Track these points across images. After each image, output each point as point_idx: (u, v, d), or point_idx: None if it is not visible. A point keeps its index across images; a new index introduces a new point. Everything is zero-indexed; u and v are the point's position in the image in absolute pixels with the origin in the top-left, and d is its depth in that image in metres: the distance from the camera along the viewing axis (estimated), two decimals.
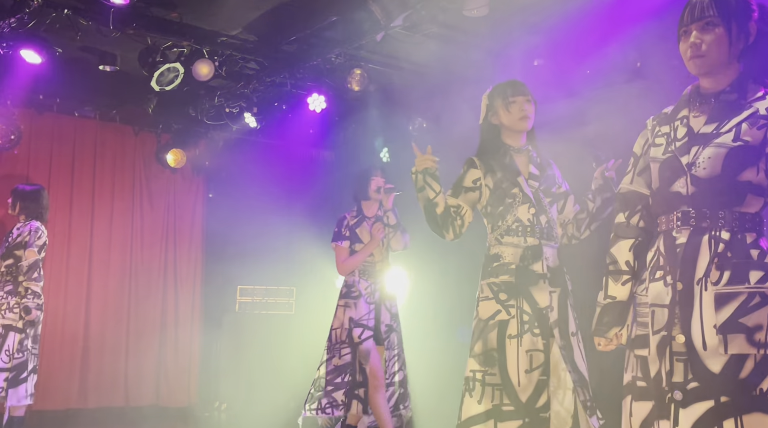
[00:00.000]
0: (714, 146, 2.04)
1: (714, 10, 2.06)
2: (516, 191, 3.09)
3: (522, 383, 2.89)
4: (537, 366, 2.91)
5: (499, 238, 3.08)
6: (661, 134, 2.19)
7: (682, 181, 2.07)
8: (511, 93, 3.16)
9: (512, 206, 3.07)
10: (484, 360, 2.96)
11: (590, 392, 2.98)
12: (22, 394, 5.11)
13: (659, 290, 2.08)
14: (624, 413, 2.14)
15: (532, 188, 3.12)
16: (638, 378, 2.10)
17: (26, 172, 6.70)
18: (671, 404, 1.97)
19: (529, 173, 3.16)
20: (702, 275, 1.99)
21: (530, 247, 3.03)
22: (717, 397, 1.91)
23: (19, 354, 5.11)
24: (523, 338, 2.93)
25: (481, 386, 2.94)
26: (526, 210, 3.07)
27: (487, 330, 2.99)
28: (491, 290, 3.04)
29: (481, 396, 2.92)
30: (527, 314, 2.95)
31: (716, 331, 1.94)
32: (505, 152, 3.17)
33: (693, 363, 1.95)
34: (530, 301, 2.97)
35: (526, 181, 3.12)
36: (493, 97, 3.23)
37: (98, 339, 6.92)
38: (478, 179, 3.13)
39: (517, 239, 3.04)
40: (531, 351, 2.91)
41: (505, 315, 2.97)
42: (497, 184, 3.10)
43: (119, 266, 7.16)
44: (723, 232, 2.00)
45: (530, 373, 2.90)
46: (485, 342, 2.98)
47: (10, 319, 5.11)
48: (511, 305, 2.98)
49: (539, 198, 3.11)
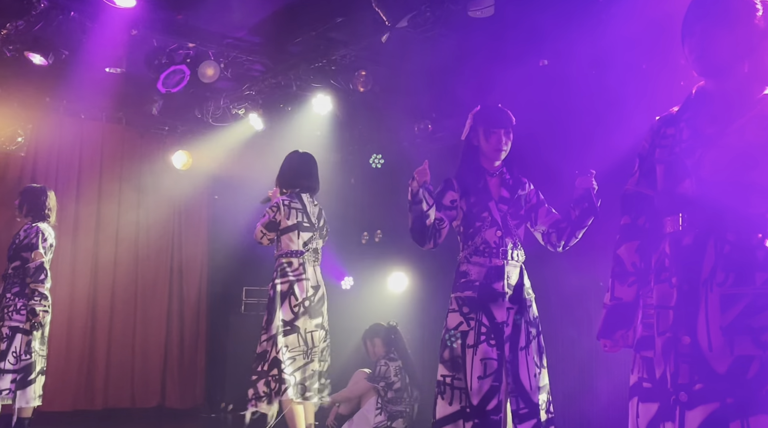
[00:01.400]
0: (719, 147, 2.03)
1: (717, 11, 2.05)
2: (486, 215, 3.39)
3: (474, 387, 3.22)
4: (490, 373, 3.23)
5: (468, 257, 3.40)
6: (667, 135, 2.19)
7: (687, 183, 2.06)
8: (493, 124, 3.42)
9: (481, 229, 3.38)
10: (452, 365, 3.30)
11: (533, 401, 3.25)
12: (30, 396, 5.13)
13: (665, 291, 2.07)
14: (630, 414, 2.13)
15: (500, 212, 3.40)
16: (644, 379, 2.10)
17: (33, 174, 6.72)
18: (676, 405, 1.96)
19: (499, 197, 3.43)
20: (707, 276, 1.98)
21: (494, 267, 3.34)
22: (723, 399, 1.90)
23: (26, 356, 5.12)
24: (479, 347, 3.25)
25: (450, 389, 3.28)
26: (493, 233, 3.37)
27: (452, 339, 3.33)
28: (457, 304, 3.37)
29: (451, 398, 3.27)
30: (485, 327, 3.27)
31: (722, 333, 1.93)
32: (481, 175, 3.45)
33: (698, 365, 1.94)
34: (489, 315, 3.29)
35: (496, 205, 3.41)
36: (477, 120, 3.47)
37: (105, 341, 6.93)
38: (455, 201, 3.43)
39: (483, 259, 3.36)
40: (485, 360, 3.23)
41: (466, 327, 3.31)
42: (470, 207, 3.42)
43: (125, 267, 7.17)
44: (729, 233, 1.99)
45: (483, 379, 3.22)
46: (452, 350, 3.32)
47: (17, 321, 5.12)
48: (471, 318, 3.31)
49: (506, 221, 3.41)
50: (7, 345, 5.08)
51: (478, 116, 3.46)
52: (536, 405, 3.26)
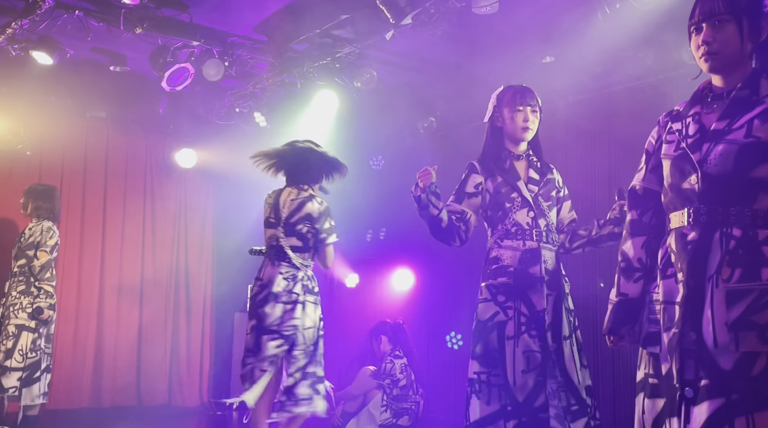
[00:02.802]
0: (725, 142, 2.03)
1: (725, 7, 2.05)
2: (515, 196, 3.17)
3: (518, 383, 2.93)
4: (534, 367, 2.94)
5: (498, 241, 3.15)
6: (673, 130, 2.18)
7: (694, 178, 2.06)
8: (519, 101, 3.21)
9: (511, 210, 3.15)
10: (487, 361, 3.00)
11: (582, 397, 2.98)
12: (36, 393, 5.15)
13: (670, 287, 2.07)
14: (637, 410, 2.13)
15: (531, 193, 3.19)
16: (650, 375, 2.10)
17: (38, 173, 6.74)
18: (682, 401, 1.96)
19: (528, 178, 3.22)
20: (713, 272, 1.98)
21: (529, 250, 3.09)
22: (728, 395, 1.90)
23: (32, 354, 5.14)
24: (520, 339, 2.97)
25: (487, 387, 2.97)
26: (525, 214, 3.14)
27: (486, 332, 3.04)
28: (490, 292, 3.10)
29: (489, 397, 2.96)
30: (524, 316, 3.00)
31: (727, 328, 1.92)
32: (506, 157, 3.25)
33: (703, 361, 1.94)
34: (527, 303, 3.02)
35: (525, 185, 3.20)
36: (501, 100, 3.27)
37: (111, 338, 6.95)
38: (480, 184, 3.22)
39: (516, 243, 3.11)
40: (528, 352, 2.95)
41: (503, 317, 3.02)
42: (497, 188, 3.18)
43: (131, 265, 7.19)
44: (734, 229, 1.99)
45: (527, 374, 2.93)
46: (486, 344, 3.03)
47: (23, 319, 5.15)
48: (509, 307, 3.02)
49: (538, 202, 3.19)
50: (13, 343, 5.10)
51: (501, 96, 3.28)
52: (585, 402, 2.98)
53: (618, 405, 4.84)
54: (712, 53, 2.08)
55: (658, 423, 2.05)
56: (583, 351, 3.13)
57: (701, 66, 2.13)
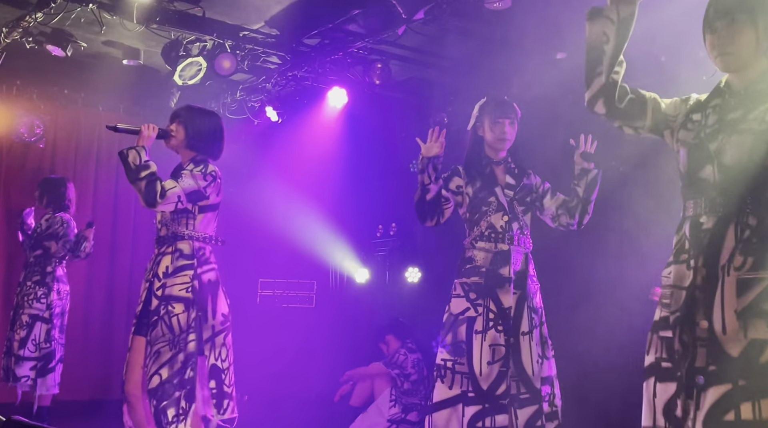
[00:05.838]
0: (740, 132, 2.04)
1: (739, 6, 2.05)
2: (492, 200, 3.42)
3: (484, 373, 3.23)
4: (498, 359, 3.25)
5: (473, 243, 3.42)
6: (693, 120, 2.20)
7: (709, 168, 2.08)
8: (498, 114, 3.47)
9: (487, 214, 3.41)
10: (453, 350, 3.31)
11: (535, 386, 3.27)
12: (51, 383, 5.20)
13: (682, 273, 2.10)
14: (647, 394, 2.13)
15: (507, 197, 3.44)
16: (663, 359, 2.11)
17: (51, 165, 6.79)
18: (693, 389, 1.98)
19: (506, 183, 3.47)
20: (726, 260, 2.00)
21: (500, 252, 3.36)
22: (735, 380, 1.91)
23: (46, 344, 5.19)
24: (488, 333, 3.27)
25: (451, 373, 3.29)
26: (499, 218, 3.40)
27: (457, 324, 3.34)
28: (462, 289, 3.38)
29: (451, 382, 3.27)
30: (493, 313, 3.29)
31: (737, 316, 1.94)
32: (486, 164, 3.50)
33: (712, 347, 1.96)
34: (496, 301, 3.30)
35: (502, 190, 3.45)
36: (482, 110, 3.54)
37: (122, 331, 6.99)
38: (461, 186, 3.48)
39: (489, 245, 3.37)
40: (494, 346, 3.26)
41: (473, 313, 3.31)
42: (476, 193, 3.45)
43: (142, 258, 7.20)
44: (750, 218, 2.00)
45: (492, 365, 3.24)
46: (455, 335, 3.33)
47: (37, 309, 5.20)
48: (479, 304, 3.32)
49: (513, 206, 3.44)
50: (26, 333, 5.15)
51: (483, 107, 3.54)
52: (538, 391, 3.27)
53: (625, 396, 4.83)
54: (727, 53, 2.08)
55: (670, 407, 2.06)
56: (548, 344, 3.41)
57: (716, 65, 2.14)
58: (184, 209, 3.43)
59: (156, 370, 3.30)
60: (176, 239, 3.46)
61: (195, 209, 3.46)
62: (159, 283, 3.45)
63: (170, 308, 3.38)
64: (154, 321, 3.39)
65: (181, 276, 3.42)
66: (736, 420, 1.89)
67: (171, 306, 3.38)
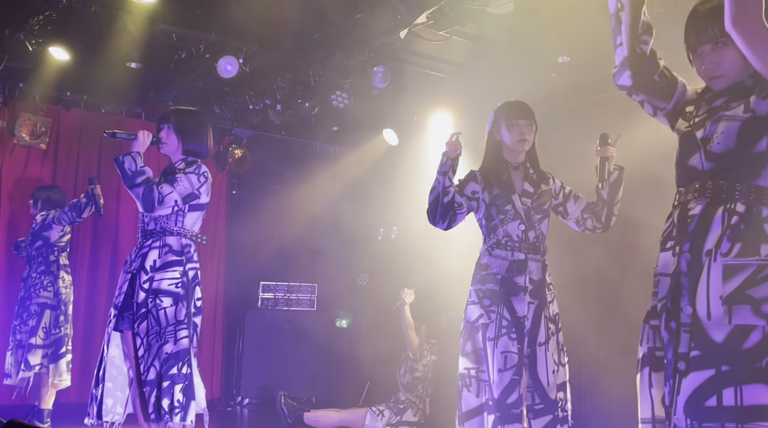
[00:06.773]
0: (726, 119, 2.06)
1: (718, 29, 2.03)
2: (509, 208, 3.38)
3: (495, 380, 3.23)
4: (511, 367, 3.24)
5: (489, 250, 3.40)
6: (687, 111, 2.22)
7: (697, 156, 2.10)
8: (514, 115, 3.44)
9: (504, 222, 3.38)
10: (475, 358, 3.32)
11: (550, 397, 3.25)
12: (63, 369, 5.28)
13: (667, 259, 2.11)
14: (642, 386, 2.13)
15: (524, 205, 3.40)
16: (656, 348, 2.11)
17: (53, 167, 6.79)
18: (676, 374, 1.98)
19: (523, 190, 3.43)
20: (712, 246, 2.00)
21: (516, 261, 3.34)
22: (718, 366, 1.92)
23: (55, 330, 5.31)
24: (499, 340, 3.26)
25: (476, 382, 3.30)
26: (516, 226, 3.37)
27: (474, 332, 3.35)
28: (477, 296, 3.38)
29: (478, 390, 3.29)
30: (506, 320, 3.28)
31: (722, 302, 1.94)
32: (504, 169, 3.46)
33: (696, 333, 1.96)
34: (510, 309, 3.29)
35: (519, 198, 3.40)
36: (498, 115, 3.49)
37: None
38: (476, 193, 3.43)
39: (506, 253, 3.36)
40: (506, 353, 3.25)
41: (486, 319, 3.31)
42: (493, 199, 3.40)
43: None
44: (738, 204, 2.01)
45: (503, 372, 3.23)
46: (474, 342, 3.34)
47: (45, 297, 5.30)
48: (492, 311, 3.31)
49: (530, 215, 3.40)
50: (36, 321, 5.24)
51: (499, 111, 3.50)
52: (553, 402, 3.27)
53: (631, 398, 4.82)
54: (719, 76, 2.12)
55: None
56: (563, 351, 3.39)
57: (708, 85, 2.18)
58: None
59: (151, 362, 3.41)
60: (165, 234, 3.56)
61: (185, 207, 3.61)
62: (146, 276, 3.51)
63: (158, 301, 3.47)
64: (143, 314, 3.47)
65: (171, 271, 3.52)
66: (718, 406, 1.89)
67: (159, 300, 3.46)
